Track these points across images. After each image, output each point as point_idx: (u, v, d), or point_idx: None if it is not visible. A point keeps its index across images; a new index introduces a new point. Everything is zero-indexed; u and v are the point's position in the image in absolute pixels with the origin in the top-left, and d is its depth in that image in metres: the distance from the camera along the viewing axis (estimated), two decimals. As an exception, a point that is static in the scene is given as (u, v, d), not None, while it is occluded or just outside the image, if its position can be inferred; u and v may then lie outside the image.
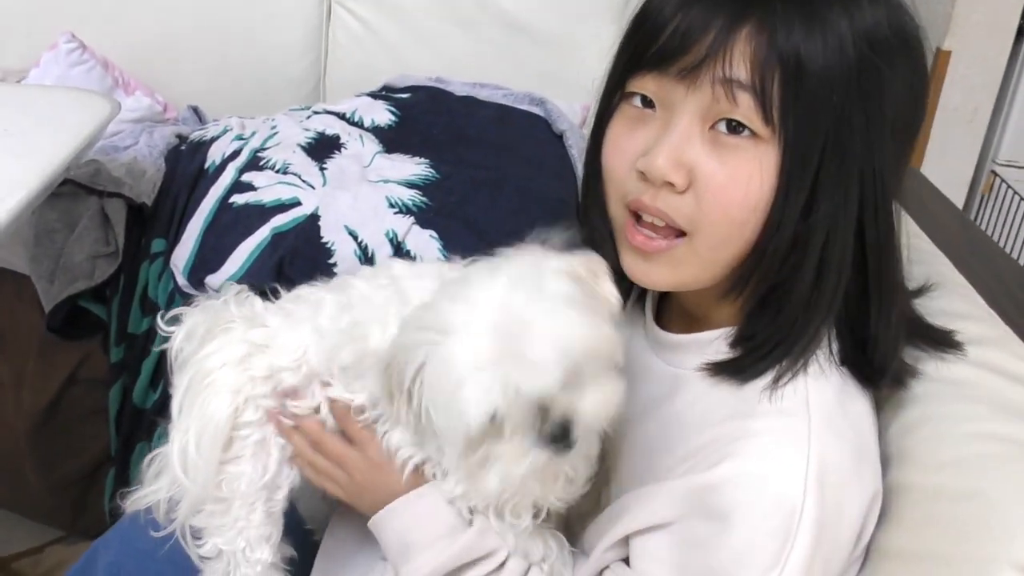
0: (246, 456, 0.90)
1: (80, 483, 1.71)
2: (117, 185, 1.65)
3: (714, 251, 0.78)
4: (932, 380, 0.83)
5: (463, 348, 0.74)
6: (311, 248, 1.57)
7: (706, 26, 0.73)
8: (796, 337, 0.79)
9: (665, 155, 0.75)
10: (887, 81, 0.73)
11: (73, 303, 1.61)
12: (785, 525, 0.72)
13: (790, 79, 0.72)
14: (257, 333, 0.90)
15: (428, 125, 1.84)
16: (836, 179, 0.74)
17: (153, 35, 2.11)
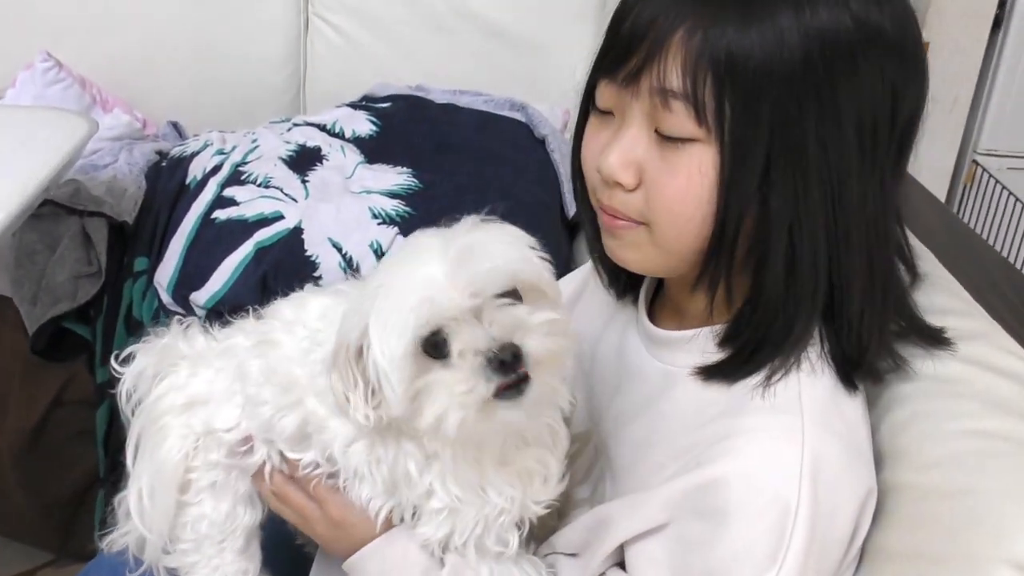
0: (205, 498, 0.90)
1: (69, 505, 1.69)
2: (98, 204, 1.64)
3: (670, 242, 0.80)
4: (920, 378, 0.83)
5: (401, 285, 0.74)
6: (295, 261, 1.56)
7: (644, 33, 0.75)
8: (781, 335, 0.79)
9: (614, 157, 0.79)
10: (845, 82, 0.73)
11: (57, 324, 1.60)
12: (780, 523, 0.72)
13: (723, 78, 0.73)
14: (196, 386, 0.91)
15: (409, 134, 1.83)
16: (790, 176, 0.75)
17: (130, 51, 2.10)
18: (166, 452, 0.89)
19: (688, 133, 0.75)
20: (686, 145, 0.75)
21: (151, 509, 0.89)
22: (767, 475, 0.74)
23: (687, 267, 0.82)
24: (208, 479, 0.90)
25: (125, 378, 0.94)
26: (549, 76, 2.14)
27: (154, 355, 0.94)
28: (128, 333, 1.61)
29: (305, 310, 0.89)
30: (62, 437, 1.65)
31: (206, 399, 0.90)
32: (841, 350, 0.80)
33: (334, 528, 0.88)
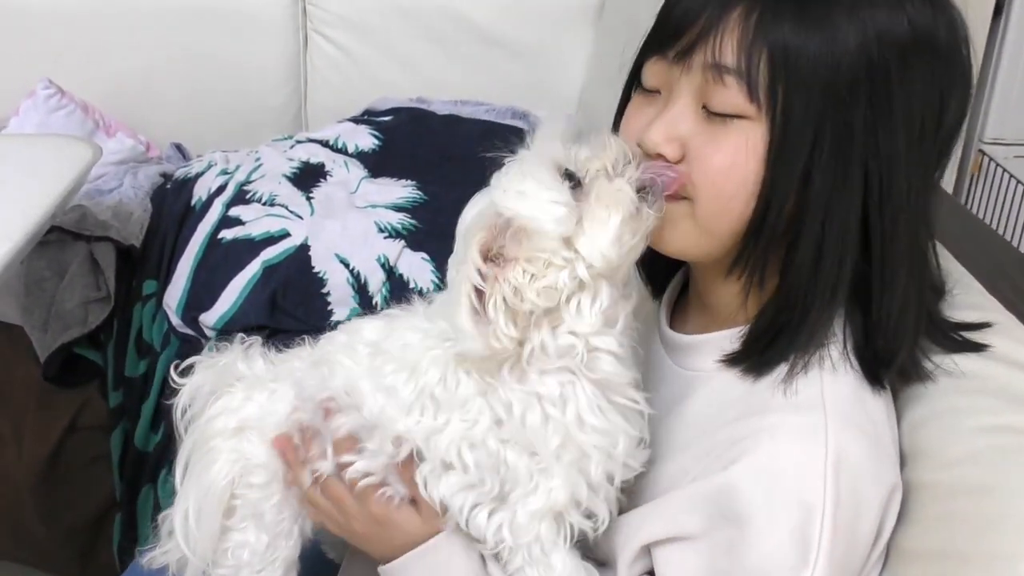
0: (250, 526, 0.90)
1: (87, 531, 1.69)
2: (104, 229, 1.65)
3: (710, 219, 0.80)
4: (937, 374, 0.82)
5: (513, 169, 0.77)
6: (303, 279, 1.56)
7: (700, 10, 0.77)
8: (799, 325, 0.79)
9: (659, 130, 0.79)
10: (897, 81, 0.75)
11: (68, 351, 1.60)
12: (807, 524, 0.72)
13: (778, 62, 0.74)
14: (249, 410, 0.91)
15: (412, 147, 1.83)
16: (833, 163, 0.75)
17: (131, 75, 2.11)
18: (214, 476, 0.89)
19: (738, 109, 0.76)
20: (734, 121, 0.76)
21: (196, 531, 0.89)
22: (790, 476, 0.74)
23: (723, 251, 0.82)
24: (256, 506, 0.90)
25: (182, 393, 0.93)
26: (550, 83, 2.14)
27: (213, 373, 0.93)
28: (139, 356, 1.61)
29: (360, 334, 0.89)
30: (78, 463, 1.65)
31: (257, 424, 0.90)
32: (871, 347, 0.80)
33: (375, 525, 0.86)
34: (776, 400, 0.78)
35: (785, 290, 0.79)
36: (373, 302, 1.54)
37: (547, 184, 0.76)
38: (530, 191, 0.76)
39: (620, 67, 0.89)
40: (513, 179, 0.77)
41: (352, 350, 0.87)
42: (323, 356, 0.89)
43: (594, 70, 2.11)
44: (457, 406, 0.80)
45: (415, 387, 0.82)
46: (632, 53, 0.86)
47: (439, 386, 0.81)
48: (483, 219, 0.77)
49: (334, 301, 1.54)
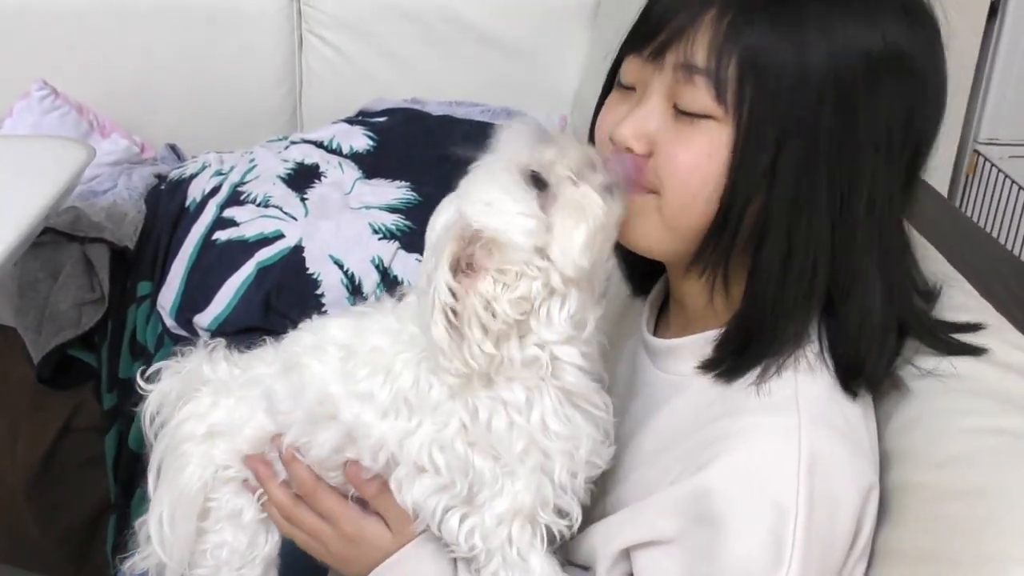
0: (225, 524, 0.90)
1: (82, 533, 1.69)
2: (98, 230, 1.64)
3: (674, 216, 0.80)
4: (929, 375, 0.82)
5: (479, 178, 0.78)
6: (297, 280, 1.56)
7: (676, 11, 0.78)
8: (771, 329, 0.79)
9: (629, 125, 0.81)
10: (865, 94, 0.75)
11: (62, 352, 1.59)
12: (781, 525, 0.72)
13: (746, 66, 0.75)
14: (216, 415, 0.91)
15: (407, 148, 1.83)
16: (798, 170, 0.76)
17: (126, 76, 2.10)
18: (186, 480, 0.89)
19: (706, 110, 0.77)
20: (702, 121, 0.77)
21: (171, 536, 0.89)
22: (763, 477, 0.74)
23: (688, 250, 0.82)
24: (231, 505, 0.90)
25: (149, 400, 0.94)
26: (545, 84, 2.14)
27: (179, 378, 0.94)
28: (133, 358, 1.61)
29: (327, 333, 0.88)
30: (72, 465, 1.65)
31: (226, 429, 0.90)
32: (839, 355, 0.80)
33: (349, 545, 0.88)
34: (750, 402, 0.78)
35: (754, 295, 0.80)
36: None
37: (514, 195, 0.76)
38: (497, 202, 0.76)
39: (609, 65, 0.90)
40: (480, 188, 0.77)
41: (321, 351, 0.87)
42: (291, 360, 0.88)
43: (589, 71, 2.11)
44: (429, 410, 0.81)
45: (390, 391, 0.82)
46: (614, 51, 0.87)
47: (412, 390, 0.81)
48: (451, 230, 0.76)
49: (328, 302, 1.54)
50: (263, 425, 0.89)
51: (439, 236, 0.78)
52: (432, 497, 0.82)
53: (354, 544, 0.87)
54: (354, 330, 0.87)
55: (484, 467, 0.80)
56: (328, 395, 0.85)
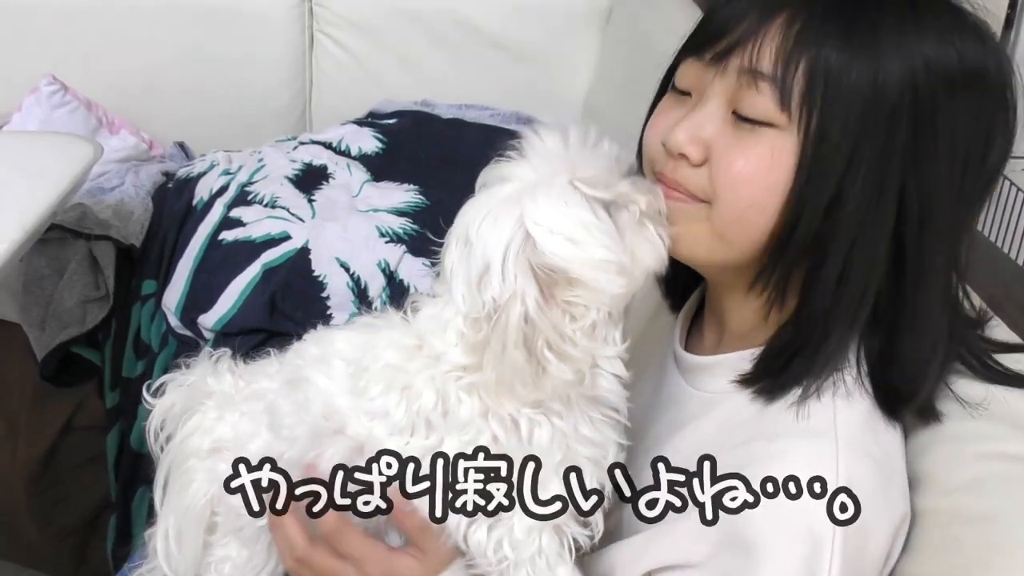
0: (231, 540, 0.88)
1: (81, 532, 1.69)
2: (104, 227, 1.64)
3: (728, 225, 0.78)
4: (942, 399, 0.80)
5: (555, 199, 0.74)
6: (303, 282, 1.55)
7: (742, 15, 0.76)
8: (817, 349, 0.77)
9: (685, 130, 0.78)
10: (944, 112, 0.74)
11: (66, 350, 1.59)
12: (815, 553, 0.70)
13: (817, 76, 0.73)
14: (221, 430, 0.88)
15: (415, 150, 1.82)
16: (868, 185, 0.74)
17: (136, 72, 2.10)
18: (192, 496, 0.87)
19: (768, 117, 0.75)
20: (763, 129, 0.75)
21: (177, 551, 0.88)
22: (799, 504, 0.72)
23: (737, 262, 0.80)
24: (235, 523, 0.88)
25: (153, 414, 0.92)
26: (555, 88, 2.13)
27: (183, 392, 0.92)
28: (137, 357, 1.60)
29: (333, 346, 0.85)
30: (73, 463, 1.65)
31: (231, 445, 0.88)
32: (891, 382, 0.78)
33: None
34: (787, 425, 0.77)
35: (805, 312, 0.78)
36: (373, 307, 1.52)
37: (598, 235, 0.73)
38: (581, 240, 0.73)
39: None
40: (552, 214, 0.73)
41: (327, 365, 0.84)
42: (295, 375, 0.86)
43: (600, 76, 2.10)
44: (456, 428, 0.78)
45: (407, 409, 0.79)
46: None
47: (435, 410, 0.78)
48: (520, 258, 0.73)
49: (334, 305, 1.53)
50: (269, 442, 0.86)
51: (500, 257, 0.73)
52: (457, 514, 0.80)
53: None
54: (362, 344, 0.84)
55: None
56: (334, 409, 0.82)
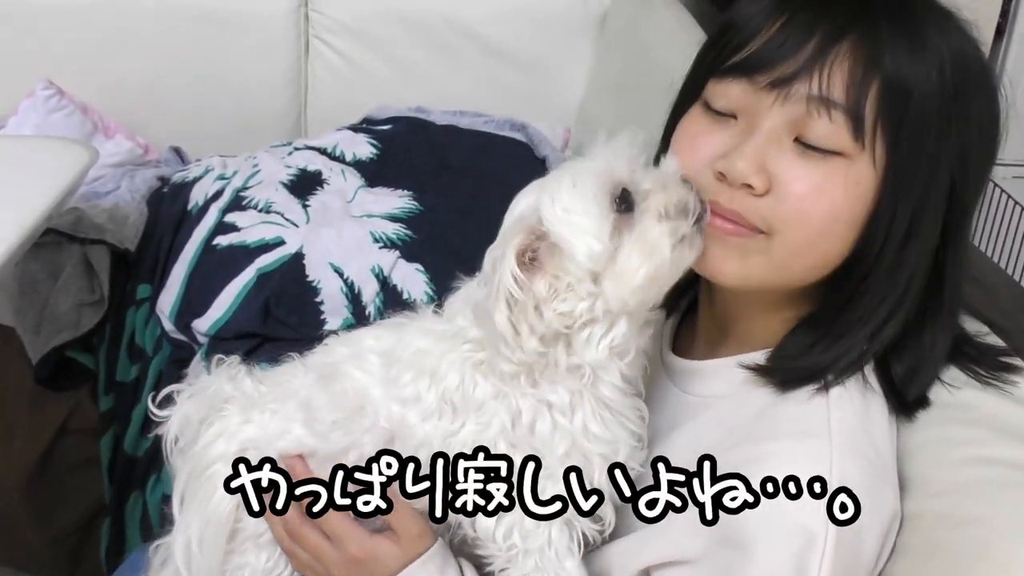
0: (250, 547, 0.89)
1: (76, 534, 1.68)
2: (99, 232, 1.64)
3: (791, 256, 0.77)
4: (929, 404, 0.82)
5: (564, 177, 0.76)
6: (297, 287, 1.55)
7: (805, 38, 0.74)
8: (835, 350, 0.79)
9: (747, 158, 0.75)
10: (972, 107, 0.75)
11: (60, 354, 1.59)
12: (807, 550, 0.71)
13: (893, 100, 0.72)
14: (248, 432, 0.88)
15: (410, 156, 1.83)
16: (931, 206, 0.75)
17: (132, 77, 2.11)
18: (218, 502, 0.87)
19: (839, 147, 0.74)
20: (832, 157, 0.74)
21: (200, 558, 0.87)
22: (792, 502, 0.73)
23: (787, 287, 0.80)
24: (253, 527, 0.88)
25: (170, 425, 0.91)
26: (550, 95, 2.14)
27: (201, 400, 0.91)
28: (131, 361, 1.61)
29: (363, 343, 0.88)
30: (68, 467, 1.65)
31: (259, 445, 0.87)
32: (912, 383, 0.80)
33: (353, 567, 0.85)
34: (782, 427, 0.78)
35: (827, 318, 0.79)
36: (366, 312, 1.53)
37: (591, 212, 0.75)
38: (575, 212, 0.75)
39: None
40: (564, 189, 0.76)
41: (362, 360, 0.86)
42: (330, 370, 0.87)
43: (594, 83, 2.11)
44: (473, 409, 0.80)
45: (437, 392, 0.81)
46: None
47: (457, 391, 0.80)
48: (524, 221, 0.76)
49: (327, 310, 1.54)
50: (299, 438, 0.87)
51: (512, 223, 0.78)
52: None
53: (360, 565, 0.85)
54: (392, 337, 0.86)
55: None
56: (369, 400, 0.84)
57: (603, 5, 2.13)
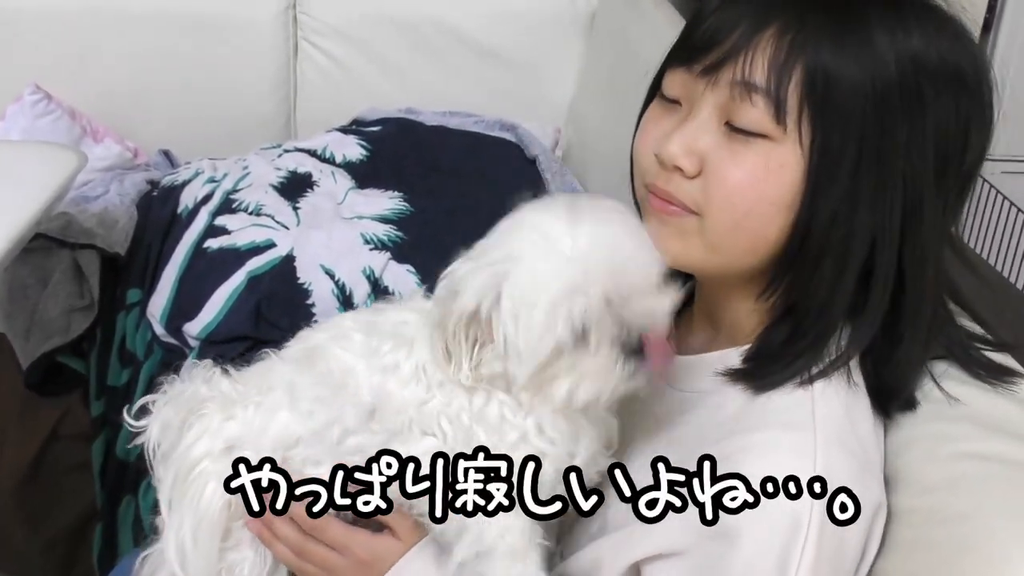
0: (245, 542, 0.89)
1: (67, 540, 1.68)
2: (89, 236, 1.64)
3: (722, 236, 0.79)
4: (919, 400, 0.82)
5: (545, 264, 0.75)
6: (288, 289, 1.55)
7: (732, 27, 0.77)
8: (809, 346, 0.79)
9: (678, 142, 0.79)
10: (931, 106, 0.75)
11: (51, 359, 1.59)
12: (791, 539, 0.72)
13: (814, 85, 0.74)
14: (232, 428, 0.88)
15: (400, 158, 1.83)
16: (877, 191, 0.76)
17: (120, 81, 2.10)
18: (208, 499, 0.87)
19: (762, 128, 0.76)
20: (757, 140, 0.76)
21: (195, 556, 0.87)
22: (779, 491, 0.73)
23: (735, 268, 0.82)
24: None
25: (150, 432, 0.91)
26: (539, 95, 2.14)
27: (178, 405, 0.91)
28: (122, 365, 1.60)
29: (342, 325, 0.90)
30: (59, 472, 1.64)
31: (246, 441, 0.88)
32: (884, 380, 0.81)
33: (363, 569, 0.86)
34: (768, 418, 0.79)
35: (800, 311, 0.79)
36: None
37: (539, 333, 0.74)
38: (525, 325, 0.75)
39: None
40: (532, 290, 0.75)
41: (345, 339, 0.87)
42: (311, 353, 0.89)
43: (584, 83, 2.11)
44: (436, 385, 0.82)
45: (412, 363, 0.83)
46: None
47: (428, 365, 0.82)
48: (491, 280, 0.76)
49: (319, 312, 1.54)
50: (287, 424, 0.87)
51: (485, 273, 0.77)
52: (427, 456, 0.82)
53: (368, 566, 0.86)
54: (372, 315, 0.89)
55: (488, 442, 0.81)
56: (352, 375, 0.85)
57: (591, 5, 2.13)
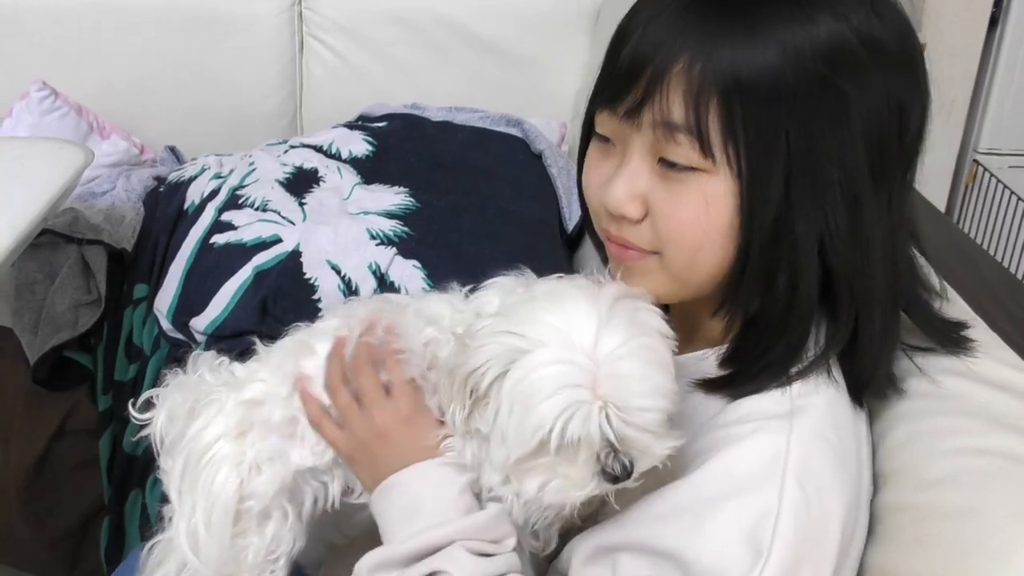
0: (252, 527, 0.89)
1: (74, 535, 1.68)
2: (96, 232, 1.64)
3: (681, 271, 0.80)
4: (919, 395, 0.83)
5: (558, 363, 0.73)
6: (294, 285, 1.55)
7: (643, 66, 0.75)
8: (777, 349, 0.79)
9: (620, 190, 0.79)
10: (854, 96, 0.73)
11: (58, 354, 1.59)
12: (760, 524, 0.72)
13: (733, 105, 0.72)
14: (253, 389, 0.89)
15: (405, 153, 1.83)
16: (811, 197, 0.74)
17: (127, 77, 2.11)
18: (221, 482, 0.87)
19: (693, 163, 0.75)
20: (691, 174, 0.76)
21: (209, 541, 0.87)
22: (748, 478, 0.74)
23: (701, 293, 0.82)
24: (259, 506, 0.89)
25: (156, 421, 0.91)
26: (544, 90, 2.14)
27: (185, 393, 0.92)
28: (129, 361, 1.61)
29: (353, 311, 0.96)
30: (66, 467, 1.65)
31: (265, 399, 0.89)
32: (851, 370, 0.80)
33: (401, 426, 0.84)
34: (744, 411, 0.79)
35: (763, 317, 0.80)
36: (363, 309, 1.53)
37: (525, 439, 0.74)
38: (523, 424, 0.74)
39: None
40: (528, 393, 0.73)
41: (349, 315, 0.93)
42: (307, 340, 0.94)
43: (589, 78, 2.10)
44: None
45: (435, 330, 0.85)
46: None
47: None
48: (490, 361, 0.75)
49: (325, 308, 1.54)
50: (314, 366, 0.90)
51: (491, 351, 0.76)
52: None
53: (408, 425, 0.84)
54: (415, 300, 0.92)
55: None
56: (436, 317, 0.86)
57: (596, 0, 2.13)
